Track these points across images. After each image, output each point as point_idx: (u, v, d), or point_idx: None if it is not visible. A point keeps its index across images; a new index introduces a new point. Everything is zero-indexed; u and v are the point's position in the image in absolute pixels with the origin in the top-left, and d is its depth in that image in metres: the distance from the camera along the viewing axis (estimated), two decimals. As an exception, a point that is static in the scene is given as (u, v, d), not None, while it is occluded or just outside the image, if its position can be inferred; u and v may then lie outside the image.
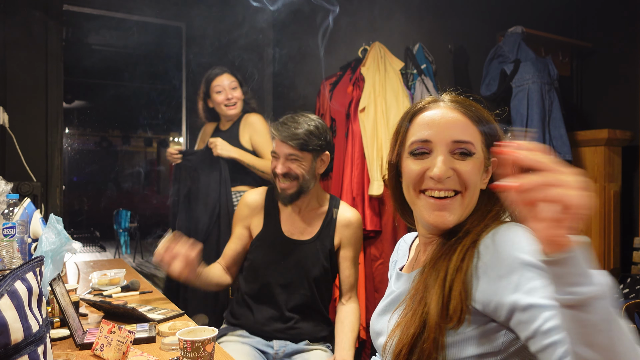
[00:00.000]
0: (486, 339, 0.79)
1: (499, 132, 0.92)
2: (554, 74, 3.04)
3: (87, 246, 8.75)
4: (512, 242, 0.78)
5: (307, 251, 1.66)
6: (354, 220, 1.72)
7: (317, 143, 1.61)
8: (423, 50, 2.88)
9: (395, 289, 0.98)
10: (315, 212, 1.71)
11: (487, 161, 0.91)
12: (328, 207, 1.72)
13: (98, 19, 3.06)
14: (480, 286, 0.78)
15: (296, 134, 1.58)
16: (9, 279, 0.75)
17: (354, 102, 2.59)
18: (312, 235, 1.68)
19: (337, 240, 1.69)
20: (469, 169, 0.87)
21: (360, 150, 2.54)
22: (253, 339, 1.64)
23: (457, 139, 0.87)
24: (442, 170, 0.86)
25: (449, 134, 0.87)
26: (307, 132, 1.59)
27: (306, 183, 1.63)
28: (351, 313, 1.68)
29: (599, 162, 3.15)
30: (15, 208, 1.50)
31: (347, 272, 1.70)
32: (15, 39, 2.45)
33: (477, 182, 0.89)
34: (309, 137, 1.59)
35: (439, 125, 0.89)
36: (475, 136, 0.89)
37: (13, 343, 0.72)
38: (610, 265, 3.13)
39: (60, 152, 2.56)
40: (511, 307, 0.73)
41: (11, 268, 1.10)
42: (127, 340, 1.08)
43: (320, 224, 1.70)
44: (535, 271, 0.73)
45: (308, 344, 1.65)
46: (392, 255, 1.15)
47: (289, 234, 1.69)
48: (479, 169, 0.89)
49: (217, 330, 1.06)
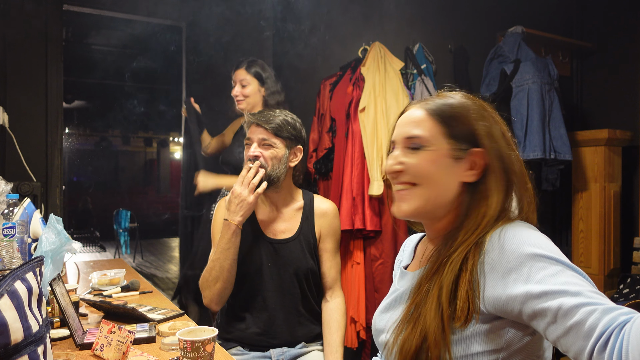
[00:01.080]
0: (493, 336, 0.79)
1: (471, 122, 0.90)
2: (554, 74, 3.04)
3: (87, 246, 8.75)
4: (519, 237, 0.78)
5: (292, 249, 1.64)
6: (330, 210, 1.71)
7: (292, 132, 1.63)
8: (423, 50, 2.88)
9: (399, 287, 0.99)
10: (291, 208, 1.70)
11: (456, 152, 0.90)
12: (304, 202, 1.71)
13: (98, 19, 3.05)
14: (489, 283, 0.78)
15: (271, 119, 1.61)
16: (9, 279, 0.75)
17: (354, 102, 2.59)
18: (294, 233, 1.66)
19: (318, 232, 1.68)
20: (416, 161, 0.91)
21: (360, 150, 2.53)
22: (249, 355, 1.60)
23: (407, 135, 0.93)
24: (387, 165, 0.95)
25: (404, 130, 0.94)
26: (283, 120, 1.63)
27: (275, 172, 1.61)
28: (336, 311, 1.66)
29: (599, 162, 3.15)
30: (15, 208, 1.50)
31: (328, 264, 1.68)
32: (15, 38, 2.45)
33: (437, 173, 0.90)
34: (284, 124, 1.62)
35: (400, 124, 0.97)
36: (429, 129, 0.91)
37: (13, 343, 0.72)
38: (610, 265, 3.13)
39: (60, 152, 2.56)
40: (524, 297, 0.72)
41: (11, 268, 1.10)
42: (127, 340, 1.08)
43: (299, 219, 1.68)
44: (546, 260, 0.73)
45: (305, 346, 1.63)
46: (398, 255, 1.16)
47: (271, 234, 1.66)
48: (432, 160, 0.90)
49: (217, 330, 1.06)
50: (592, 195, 3.17)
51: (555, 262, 0.73)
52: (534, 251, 0.75)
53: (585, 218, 3.21)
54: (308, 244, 1.66)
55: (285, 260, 1.63)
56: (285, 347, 1.61)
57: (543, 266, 0.73)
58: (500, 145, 0.89)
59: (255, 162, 1.58)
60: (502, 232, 0.81)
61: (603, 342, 0.62)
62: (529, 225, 0.84)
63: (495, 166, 0.89)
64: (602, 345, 0.62)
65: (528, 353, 0.80)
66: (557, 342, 0.69)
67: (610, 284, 3.12)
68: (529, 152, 2.88)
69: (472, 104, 0.93)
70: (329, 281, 1.69)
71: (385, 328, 0.95)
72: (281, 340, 1.61)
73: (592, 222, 3.16)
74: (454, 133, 0.91)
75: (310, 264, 1.64)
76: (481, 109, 0.92)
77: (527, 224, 0.84)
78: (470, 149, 0.90)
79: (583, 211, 3.22)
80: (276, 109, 1.68)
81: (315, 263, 1.67)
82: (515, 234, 0.80)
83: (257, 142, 1.62)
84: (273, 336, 1.60)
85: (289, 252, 1.64)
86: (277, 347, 1.60)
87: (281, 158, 1.62)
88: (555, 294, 0.69)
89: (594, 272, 3.13)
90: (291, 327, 1.62)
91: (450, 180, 0.90)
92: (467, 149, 0.90)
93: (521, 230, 0.81)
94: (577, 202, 3.26)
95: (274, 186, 1.63)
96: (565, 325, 0.67)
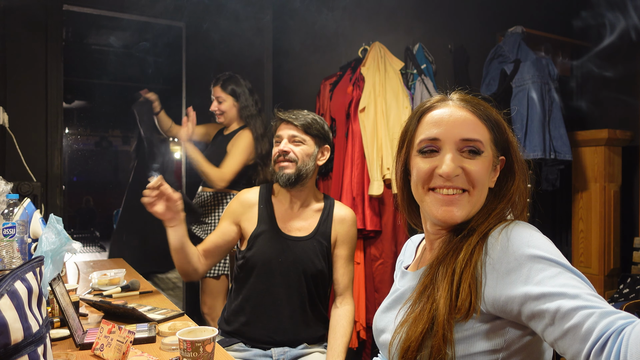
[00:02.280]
0: (493, 335, 0.79)
1: (506, 130, 0.92)
2: (554, 74, 3.04)
3: (87, 246, 8.75)
4: (520, 238, 0.78)
5: (305, 248, 1.64)
6: (349, 217, 1.71)
7: (321, 131, 1.65)
8: (423, 50, 2.88)
9: (400, 287, 0.98)
10: (311, 209, 1.70)
11: (496, 159, 0.91)
12: (324, 205, 1.71)
13: (98, 19, 3.06)
14: (489, 282, 0.78)
15: (301, 117, 1.64)
16: (9, 279, 0.75)
17: (354, 102, 2.59)
18: (309, 232, 1.66)
19: (333, 237, 1.68)
20: (477, 167, 0.88)
21: (360, 150, 2.53)
22: (250, 352, 1.60)
23: (465, 137, 0.88)
24: (450, 168, 0.86)
25: (458, 132, 0.88)
26: (312, 118, 1.65)
27: (305, 168, 1.62)
28: (344, 317, 1.65)
29: (599, 162, 3.15)
30: (15, 208, 1.50)
31: (342, 271, 1.68)
32: (15, 39, 2.45)
33: (485, 181, 0.89)
34: (313, 122, 1.64)
35: (448, 123, 0.89)
36: (483, 134, 0.89)
37: (13, 343, 0.72)
38: (610, 265, 3.12)
39: (60, 152, 2.56)
40: (523, 299, 0.72)
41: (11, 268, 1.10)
42: (127, 340, 1.08)
43: (317, 220, 1.68)
44: (545, 262, 0.73)
45: (306, 347, 1.63)
46: (400, 255, 1.15)
47: (286, 230, 1.66)
48: (487, 167, 0.89)
49: (217, 330, 1.06)
50: (592, 195, 3.17)
51: (555, 264, 0.73)
52: (534, 252, 0.75)
53: (585, 218, 3.21)
54: (321, 246, 1.66)
55: (296, 258, 1.63)
56: (287, 347, 1.60)
57: (542, 268, 0.73)
58: (518, 153, 0.92)
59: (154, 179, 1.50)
60: (504, 232, 0.81)
61: (600, 345, 0.61)
62: (530, 226, 0.84)
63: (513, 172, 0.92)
64: (599, 349, 0.61)
65: (528, 353, 0.80)
66: (554, 344, 0.69)
67: (610, 284, 3.12)
68: (529, 152, 2.88)
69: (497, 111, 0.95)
70: (340, 288, 1.69)
71: (386, 328, 0.95)
72: (284, 339, 1.60)
73: (592, 222, 3.16)
74: (497, 140, 0.91)
75: (320, 266, 1.64)
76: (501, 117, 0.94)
77: (529, 225, 0.84)
78: (500, 157, 0.93)
79: (583, 211, 3.22)
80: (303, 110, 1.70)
81: (326, 266, 1.66)
82: (517, 234, 0.79)
83: (287, 138, 1.63)
84: (276, 333, 1.60)
85: (301, 250, 1.64)
86: (279, 346, 1.60)
87: (311, 155, 1.64)
88: (553, 296, 0.68)
89: (594, 272, 3.13)
90: (296, 326, 1.61)
91: (486, 186, 0.91)
92: (499, 156, 0.93)
93: (522, 231, 0.80)
94: (577, 202, 3.26)
95: (300, 183, 1.64)
96: (562, 328, 0.66)
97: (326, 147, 1.68)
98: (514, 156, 0.93)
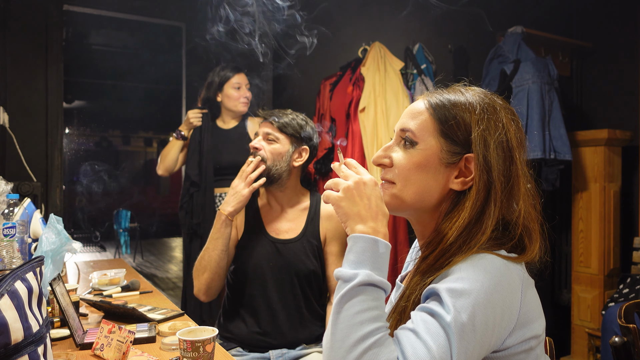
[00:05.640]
0: None
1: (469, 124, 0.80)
2: (554, 74, 3.04)
3: (87, 246, 8.75)
4: (464, 272, 0.72)
5: (295, 250, 1.62)
6: None
7: (298, 131, 1.63)
8: (423, 50, 2.88)
9: (393, 299, 0.95)
10: (297, 209, 1.69)
11: (449, 155, 0.81)
12: (310, 203, 1.69)
13: (98, 19, 3.06)
14: None
15: (280, 116, 1.64)
16: (9, 279, 0.75)
17: (354, 102, 2.59)
18: (298, 233, 1.65)
19: (323, 235, 1.66)
20: (404, 162, 0.83)
21: (360, 150, 2.54)
22: (248, 356, 1.59)
23: (401, 127, 0.85)
24: (375, 156, 0.88)
25: (403, 121, 0.86)
26: (292, 119, 1.64)
27: (275, 168, 1.61)
28: None
29: (599, 162, 3.15)
30: (15, 208, 1.50)
31: (334, 267, 1.66)
32: (16, 38, 2.45)
33: (419, 179, 0.81)
34: (291, 122, 1.63)
35: (403, 113, 0.88)
36: (423, 125, 0.82)
37: (13, 343, 0.73)
38: (610, 265, 3.12)
39: (60, 152, 2.56)
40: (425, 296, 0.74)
41: (11, 268, 1.10)
42: (127, 340, 1.08)
43: (304, 220, 1.66)
44: (447, 298, 0.68)
45: (304, 348, 1.62)
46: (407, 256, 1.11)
47: (274, 233, 1.65)
48: (420, 164, 0.81)
49: (217, 330, 1.06)
50: (592, 195, 3.17)
51: (448, 309, 0.67)
52: (453, 286, 0.69)
53: (585, 218, 3.20)
54: (312, 245, 1.64)
55: (287, 261, 1.61)
56: (284, 349, 1.60)
57: (439, 299, 0.70)
58: (491, 156, 0.78)
59: (256, 157, 1.60)
60: (465, 263, 0.73)
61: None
62: (490, 264, 0.72)
63: (479, 179, 0.78)
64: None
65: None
66: None
67: (610, 284, 3.12)
68: (529, 152, 2.87)
69: (482, 104, 0.82)
70: (334, 284, 1.67)
71: None
72: (281, 341, 1.60)
73: (592, 222, 3.16)
74: (448, 133, 0.81)
75: (312, 266, 1.63)
76: (491, 112, 0.81)
77: (490, 261, 0.72)
78: (464, 155, 0.81)
79: (583, 211, 3.22)
80: (291, 111, 1.70)
81: (318, 265, 1.65)
82: (468, 266, 0.72)
83: (262, 135, 1.64)
84: (273, 337, 1.59)
85: (291, 252, 1.62)
86: (277, 348, 1.60)
87: (283, 154, 1.61)
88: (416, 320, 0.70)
89: (594, 272, 3.13)
90: (293, 328, 1.61)
91: (433, 186, 0.81)
92: (462, 153, 0.81)
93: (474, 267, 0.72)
94: (577, 202, 3.26)
95: (276, 184, 1.63)
96: (403, 331, 0.69)
97: (304, 148, 1.65)
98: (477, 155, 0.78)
